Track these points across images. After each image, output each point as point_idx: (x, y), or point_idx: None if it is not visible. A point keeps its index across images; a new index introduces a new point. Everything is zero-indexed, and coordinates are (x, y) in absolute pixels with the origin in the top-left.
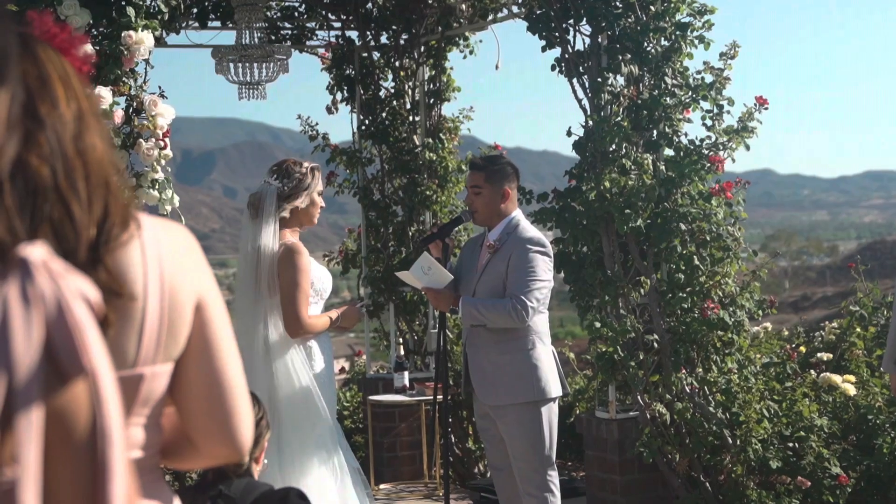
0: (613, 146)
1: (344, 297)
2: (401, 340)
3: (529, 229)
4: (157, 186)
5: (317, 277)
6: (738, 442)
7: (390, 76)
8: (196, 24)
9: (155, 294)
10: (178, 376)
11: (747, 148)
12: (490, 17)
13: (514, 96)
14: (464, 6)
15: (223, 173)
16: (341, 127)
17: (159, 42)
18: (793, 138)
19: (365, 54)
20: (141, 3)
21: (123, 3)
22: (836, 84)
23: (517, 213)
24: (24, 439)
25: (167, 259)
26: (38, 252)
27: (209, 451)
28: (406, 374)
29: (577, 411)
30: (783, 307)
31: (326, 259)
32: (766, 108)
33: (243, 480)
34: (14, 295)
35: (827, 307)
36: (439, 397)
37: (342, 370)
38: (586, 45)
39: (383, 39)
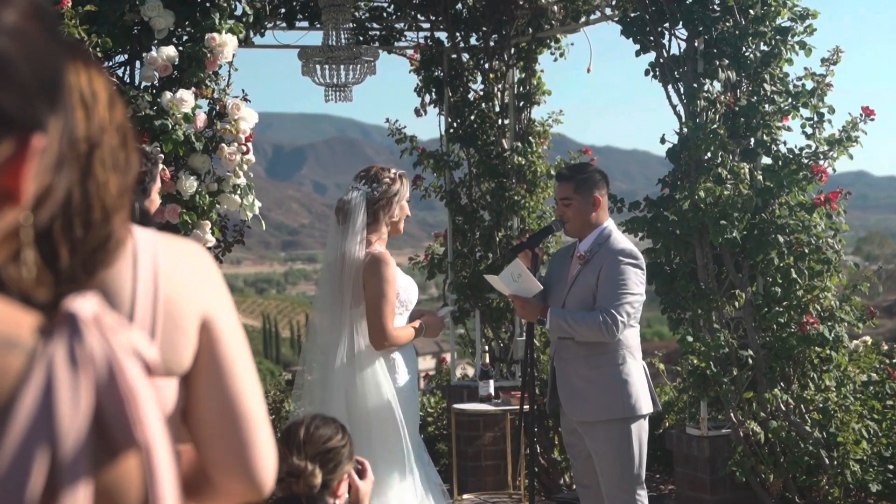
0: (709, 154)
1: (431, 294)
2: (486, 348)
3: (622, 240)
4: (238, 191)
5: (402, 288)
6: (836, 463)
7: (479, 78)
8: (284, 25)
9: (146, 305)
10: (189, 400)
11: (850, 157)
12: (582, 20)
13: (603, 95)
14: (556, 8)
15: (313, 169)
16: (426, 126)
17: (247, 42)
18: (889, 140)
19: (454, 56)
20: (225, 5)
21: (208, 4)
22: None
23: (609, 223)
24: None
25: (165, 275)
26: (89, 306)
27: (226, 488)
28: (491, 382)
29: (667, 423)
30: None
31: (412, 263)
32: (873, 119)
33: None
34: (61, 357)
35: None
36: (525, 406)
37: (426, 375)
38: (682, 50)
39: (473, 41)
